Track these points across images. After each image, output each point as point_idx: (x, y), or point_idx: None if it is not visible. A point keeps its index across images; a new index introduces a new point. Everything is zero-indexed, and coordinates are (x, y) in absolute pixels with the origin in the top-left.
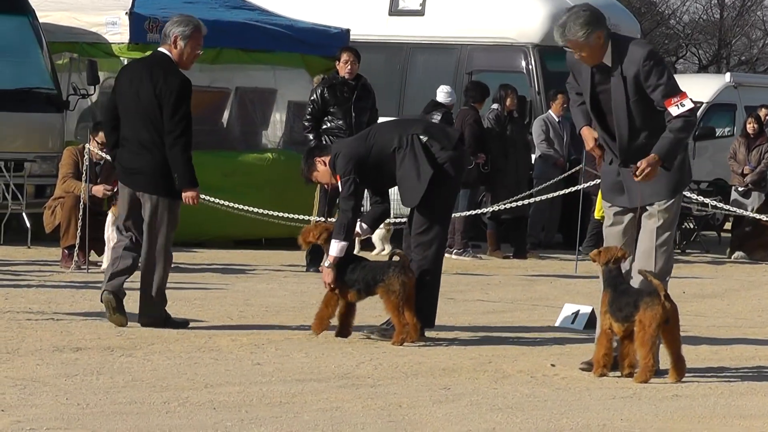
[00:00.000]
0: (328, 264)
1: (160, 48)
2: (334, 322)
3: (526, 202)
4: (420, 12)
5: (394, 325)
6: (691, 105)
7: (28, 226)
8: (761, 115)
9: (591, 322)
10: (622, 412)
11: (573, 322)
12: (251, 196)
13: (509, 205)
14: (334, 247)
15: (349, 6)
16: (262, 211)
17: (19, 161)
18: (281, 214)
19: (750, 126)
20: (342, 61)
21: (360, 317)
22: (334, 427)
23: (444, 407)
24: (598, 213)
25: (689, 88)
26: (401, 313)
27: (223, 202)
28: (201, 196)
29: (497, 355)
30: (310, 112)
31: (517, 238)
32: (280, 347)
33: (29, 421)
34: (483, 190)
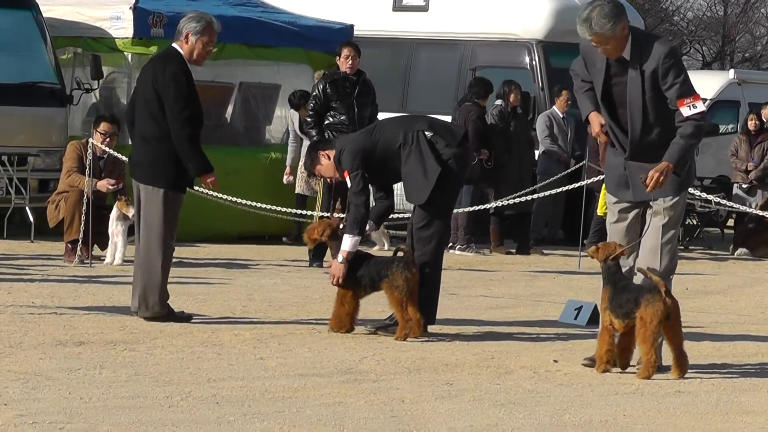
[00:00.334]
0: (341, 259)
1: (173, 44)
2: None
3: (529, 198)
4: (424, 8)
5: (398, 321)
6: (702, 108)
7: (31, 220)
8: (766, 113)
9: (594, 318)
10: (624, 408)
11: (576, 318)
12: (254, 192)
13: (512, 201)
14: (347, 241)
15: (352, 1)
16: (265, 206)
17: (22, 155)
18: (283, 209)
19: (751, 123)
20: (343, 57)
21: (363, 313)
22: (336, 422)
23: (446, 403)
24: (601, 209)
25: (693, 85)
26: (404, 308)
27: (226, 197)
28: (201, 191)
29: (500, 351)
30: (313, 107)
31: (520, 234)
32: (283, 342)
33: (32, 415)
34: (486, 188)
